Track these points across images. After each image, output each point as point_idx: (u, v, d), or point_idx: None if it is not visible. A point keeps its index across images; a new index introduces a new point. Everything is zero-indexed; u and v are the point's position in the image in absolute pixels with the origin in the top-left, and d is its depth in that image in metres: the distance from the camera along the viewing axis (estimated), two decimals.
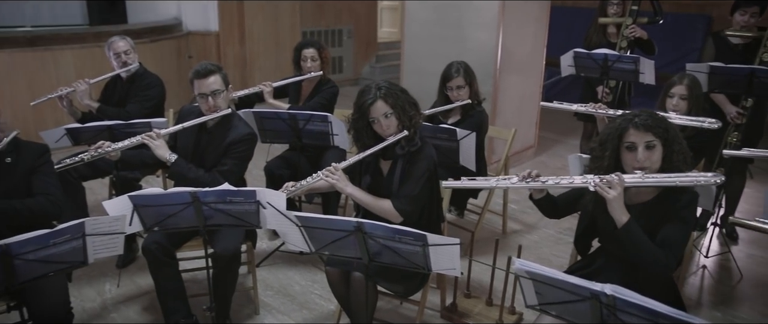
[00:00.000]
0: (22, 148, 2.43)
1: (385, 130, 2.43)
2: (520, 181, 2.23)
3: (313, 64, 3.77)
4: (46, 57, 5.73)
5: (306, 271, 3.48)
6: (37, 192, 2.40)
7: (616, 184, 2.00)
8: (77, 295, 3.20)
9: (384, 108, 2.39)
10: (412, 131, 2.45)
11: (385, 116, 2.40)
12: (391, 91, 2.41)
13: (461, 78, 3.38)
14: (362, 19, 8.82)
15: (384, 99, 2.39)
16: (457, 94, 3.40)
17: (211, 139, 2.86)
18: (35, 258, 1.91)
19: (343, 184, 2.50)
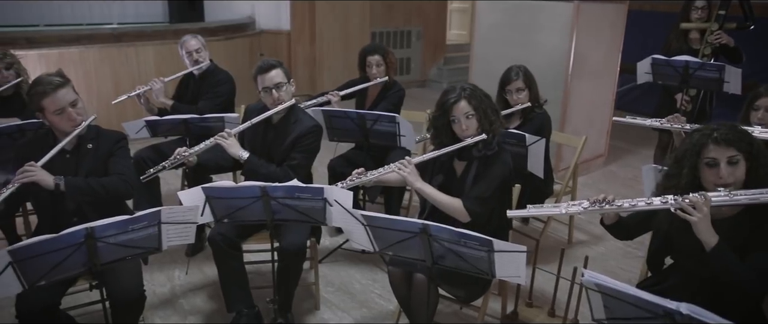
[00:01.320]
0: (102, 135, 2.56)
1: (464, 130, 2.44)
2: (591, 206, 2.11)
3: (378, 70, 3.79)
4: (129, 52, 6.06)
5: (367, 270, 3.51)
6: (113, 172, 2.52)
7: (701, 205, 1.87)
8: (149, 279, 3.35)
9: (466, 108, 2.41)
10: (491, 136, 2.44)
11: (466, 117, 2.42)
12: (475, 93, 2.44)
13: (521, 81, 3.33)
14: (431, 20, 8.80)
15: (467, 99, 2.41)
16: (516, 97, 3.35)
17: (278, 134, 2.92)
18: (115, 242, 2.01)
19: (414, 179, 2.51)
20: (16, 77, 3.55)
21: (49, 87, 2.33)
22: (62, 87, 2.36)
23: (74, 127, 2.42)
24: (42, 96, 2.34)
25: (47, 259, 1.90)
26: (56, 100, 2.35)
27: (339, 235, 3.87)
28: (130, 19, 7.50)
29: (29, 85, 2.43)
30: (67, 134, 2.43)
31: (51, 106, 2.36)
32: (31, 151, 2.46)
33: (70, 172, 2.46)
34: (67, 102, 2.38)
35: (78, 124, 2.42)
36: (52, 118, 2.40)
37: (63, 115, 2.38)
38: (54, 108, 2.36)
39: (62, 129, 2.43)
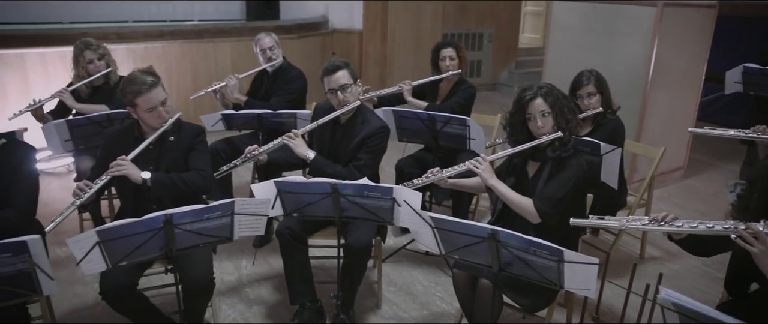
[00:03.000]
0: (183, 129, 2.68)
1: (539, 127, 2.41)
2: (650, 224, 2.01)
3: (452, 63, 3.79)
4: (208, 49, 6.31)
5: (430, 272, 3.49)
6: (192, 167, 2.64)
7: (764, 236, 1.72)
8: (218, 267, 3.45)
9: (542, 106, 2.38)
10: (567, 134, 2.40)
11: (542, 115, 2.39)
12: (551, 92, 2.42)
13: (592, 85, 3.23)
14: (504, 23, 8.67)
15: (544, 97, 2.39)
16: (587, 102, 3.25)
17: (345, 133, 2.95)
18: (191, 229, 2.10)
19: (488, 175, 2.50)
20: (106, 68, 3.76)
21: (143, 87, 2.47)
22: (155, 87, 2.50)
23: (161, 124, 2.55)
24: (136, 94, 2.48)
25: (129, 241, 2.02)
26: (149, 99, 2.49)
27: (403, 235, 3.87)
28: (210, 17, 7.81)
29: (123, 80, 2.56)
30: (153, 128, 2.57)
31: (143, 105, 2.50)
32: (119, 140, 2.62)
33: (152, 162, 2.59)
34: (158, 101, 2.51)
35: (165, 121, 2.56)
36: (142, 115, 2.54)
37: (153, 112, 2.52)
38: (146, 106, 2.50)
39: (150, 125, 2.58)
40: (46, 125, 3.32)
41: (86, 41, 3.73)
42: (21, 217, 2.37)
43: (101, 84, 3.81)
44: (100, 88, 3.82)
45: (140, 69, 2.57)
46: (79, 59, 3.72)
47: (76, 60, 3.73)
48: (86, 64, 3.71)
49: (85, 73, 3.73)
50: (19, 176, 2.40)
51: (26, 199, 2.41)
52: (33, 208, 2.47)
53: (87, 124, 3.37)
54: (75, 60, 3.74)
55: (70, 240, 1.93)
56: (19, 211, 2.37)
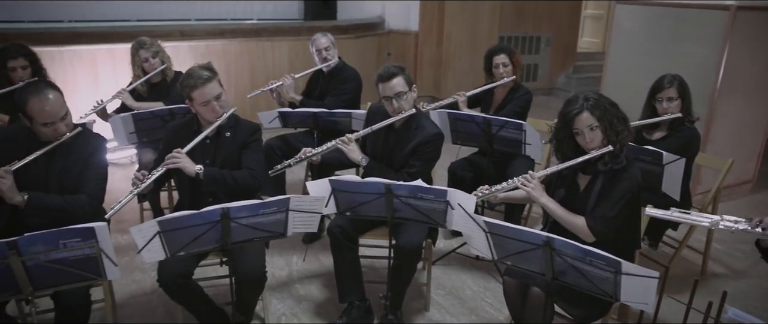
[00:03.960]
0: (239, 125, 2.74)
1: (588, 143, 2.31)
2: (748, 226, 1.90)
3: (505, 70, 3.71)
4: (266, 47, 6.45)
5: (479, 277, 3.45)
6: (245, 166, 2.69)
7: None
8: (269, 262, 3.49)
9: (590, 120, 2.28)
10: (618, 148, 2.29)
11: (590, 129, 2.29)
12: (599, 104, 2.29)
13: (674, 89, 3.11)
14: (563, 26, 8.48)
15: (591, 111, 2.28)
16: (666, 106, 3.13)
17: (399, 139, 2.94)
18: (247, 223, 2.15)
19: (538, 194, 2.42)
20: (161, 65, 3.88)
21: (198, 81, 2.55)
22: (210, 81, 2.57)
23: (216, 118, 2.62)
24: (192, 88, 2.56)
25: (188, 232, 2.08)
26: (204, 93, 2.56)
27: (454, 238, 3.84)
28: (269, 16, 7.98)
29: (183, 75, 2.65)
30: (209, 122, 2.64)
31: (199, 98, 2.58)
32: (178, 134, 2.71)
33: (208, 156, 2.67)
34: (213, 95, 2.58)
35: (220, 115, 2.63)
36: (198, 108, 2.62)
37: (207, 106, 2.60)
38: (201, 100, 2.58)
39: (206, 118, 2.65)
40: (113, 118, 3.47)
41: (140, 41, 3.86)
42: (91, 202, 2.48)
43: (158, 81, 3.94)
44: (157, 84, 3.94)
45: (199, 64, 2.65)
46: (135, 59, 3.86)
47: (133, 60, 3.87)
48: (142, 63, 3.84)
49: (141, 72, 3.86)
50: (91, 164, 2.52)
51: (96, 186, 2.52)
52: (102, 195, 2.59)
53: (150, 117, 3.50)
54: (132, 60, 3.88)
55: (133, 229, 2.01)
56: (90, 197, 2.48)
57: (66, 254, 1.90)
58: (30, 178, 2.43)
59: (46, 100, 2.35)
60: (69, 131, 2.45)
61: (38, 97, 2.35)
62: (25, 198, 2.33)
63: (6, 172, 2.30)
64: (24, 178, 2.40)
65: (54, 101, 2.37)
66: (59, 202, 2.40)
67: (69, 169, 2.49)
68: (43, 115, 2.36)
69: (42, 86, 2.40)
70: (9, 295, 1.96)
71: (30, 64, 3.55)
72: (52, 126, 2.39)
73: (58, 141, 2.42)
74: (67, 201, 2.41)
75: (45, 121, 2.37)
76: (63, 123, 2.42)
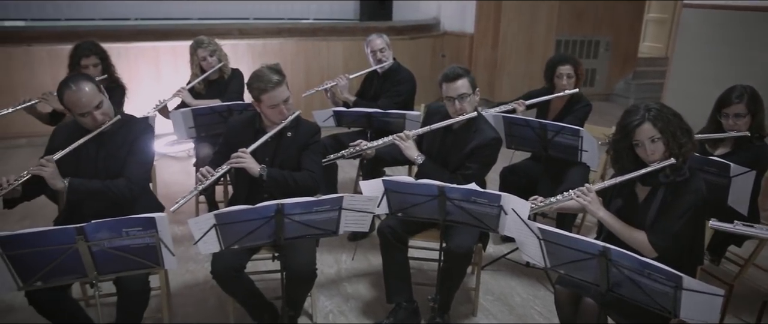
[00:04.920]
0: (300, 126, 2.78)
1: (649, 155, 2.23)
2: None
3: (569, 81, 3.60)
4: (321, 47, 6.54)
5: (529, 284, 3.39)
6: (304, 167, 2.74)
7: None
8: (319, 259, 3.51)
9: (651, 131, 2.19)
10: (681, 160, 2.20)
11: (651, 140, 2.20)
12: (661, 114, 2.20)
13: (743, 105, 2.89)
14: (623, 30, 8.22)
15: (653, 122, 2.19)
16: (733, 122, 2.93)
17: (456, 141, 2.92)
18: (300, 220, 2.18)
19: (595, 208, 2.35)
20: (218, 62, 3.98)
21: (269, 85, 2.59)
22: (279, 86, 2.61)
23: (282, 121, 2.67)
24: (261, 91, 2.61)
25: (243, 226, 2.13)
26: (273, 97, 2.61)
27: (504, 244, 3.79)
28: (325, 16, 8.10)
29: (251, 75, 2.69)
30: (273, 122, 2.70)
31: (267, 101, 2.63)
32: (240, 130, 2.79)
33: (267, 154, 2.73)
34: (281, 99, 2.63)
35: (286, 118, 2.67)
36: (265, 110, 2.68)
37: (275, 109, 2.65)
38: (269, 103, 2.63)
39: (271, 120, 2.71)
40: (174, 113, 3.59)
41: (198, 40, 3.97)
42: (130, 185, 2.56)
43: (216, 78, 4.04)
44: (214, 82, 4.05)
45: (268, 65, 2.68)
46: (193, 57, 3.97)
47: (192, 58, 3.99)
48: (200, 62, 3.95)
49: (199, 70, 3.97)
50: (134, 149, 2.61)
51: (138, 171, 2.60)
52: (144, 180, 2.66)
53: (209, 113, 3.60)
54: (190, 58, 4.00)
55: (191, 221, 2.07)
56: (129, 180, 2.56)
57: (128, 242, 1.98)
58: (81, 165, 2.56)
59: (78, 91, 2.45)
60: (108, 120, 2.55)
61: (71, 90, 2.46)
62: (66, 184, 2.44)
63: (48, 160, 2.43)
64: (76, 166, 2.54)
65: (86, 92, 2.47)
66: (99, 186, 2.50)
67: (114, 155, 2.59)
68: (78, 106, 2.47)
69: (76, 79, 2.50)
70: (75, 278, 2.06)
71: (100, 61, 3.71)
72: (88, 116, 2.50)
73: (98, 130, 2.53)
74: (106, 185, 2.51)
75: (80, 111, 2.48)
76: (98, 112, 2.51)
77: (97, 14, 7.08)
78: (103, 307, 2.17)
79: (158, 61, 5.92)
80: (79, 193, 2.49)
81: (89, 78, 2.54)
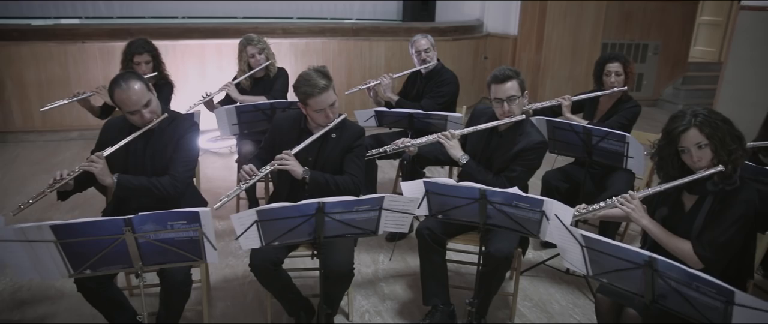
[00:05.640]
0: (345, 127, 2.79)
1: (695, 162, 2.15)
2: None
3: (617, 80, 3.55)
4: (363, 46, 6.56)
5: (568, 292, 3.32)
6: (347, 171, 2.75)
7: None
8: (356, 259, 3.53)
9: (698, 137, 2.12)
10: (730, 168, 2.12)
11: (698, 147, 2.12)
12: (709, 120, 2.12)
13: None
14: (673, 34, 7.97)
15: (699, 128, 2.11)
16: None
17: (502, 142, 2.89)
18: (340, 219, 2.19)
19: (639, 216, 2.29)
20: (266, 61, 4.05)
21: (315, 90, 2.60)
22: (326, 90, 2.62)
23: (327, 124, 2.69)
24: (308, 96, 2.63)
25: (284, 223, 2.15)
26: (319, 101, 2.63)
27: (544, 250, 3.73)
28: (368, 16, 8.13)
29: (299, 78, 2.70)
30: (319, 124, 2.72)
31: (314, 105, 2.64)
32: (285, 128, 2.83)
33: (311, 154, 2.75)
34: (327, 104, 2.65)
35: (331, 121, 2.69)
36: (311, 113, 2.70)
37: (321, 113, 2.67)
38: (316, 107, 2.65)
39: (317, 122, 2.73)
40: (218, 109, 3.66)
41: (248, 37, 4.04)
42: (174, 183, 2.62)
43: (262, 76, 4.11)
44: (260, 79, 4.12)
45: (316, 68, 2.69)
46: (242, 54, 4.05)
47: (240, 55, 4.07)
48: (248, 59, 4.02)
49: (247, 67, 4.04)
50: (180, 147, 2.67)
51: (182, 167, 2.66)
52: (188, 177, 2.71)
53: (252, 110, 3.65)
54: (239, 55, 4.08)
55: (234, 216, 2.11)
56: (174, 178, 2.62)
57: (172, 235, 2.02)
58: (129, 161, 2.64)
59: (128, 90, 2.52)
60: (156, 118, 2.61)
61: (121, 88, 2.52)
62: (114, 180, 2.52)
63: (99, 156, 2.51)
64: (124, 161, 2.62)
65: (136, 91, 2.53)
66: (145, 183, 2.57)
67: (160, 152, 2.66)
68: (127, 104, 2.54)
69: (126, 77, 2.57)
70: (121, 268, 2.11)
71: (152, 59, 3.84)
72: (137, 114, 2.56)
73: (146, 127, 2.59)
74: (152, 182, 2.58)
75: (129, 109, 2.55)
76: (147, 110, 2.58)
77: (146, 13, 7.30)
78: (146, 297, 2.22)
79: (204, 58, 6.05)
80: (126, 190, 2.56)
81: (139, 77, 2.61)
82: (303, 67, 2.81)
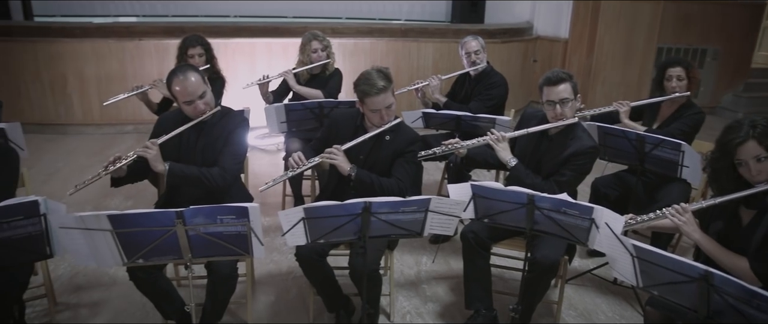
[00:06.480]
0: (400, 131, 2.80)
1: (754, 175, 2.05)
2: None
3: (679, 84, 3.39)
4: (412, 47, 6.56)
5: (615, 303, 3.23)
6: (394, 174, 2.75)
7: None
8: (399, 260, 3.58)
9: (756, 150, 2.02)
10: None
11: (756, 160, 2.03)
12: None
13: None
14: (735, 39, 7.63)
15: (758, 139, 2.02)
16: None
17: (552, 146, 2.84)
18: (386, 219, 2.19)
19: (691, 229, 2.20)
20: (326, 58, 4.12)
21: (373, 90, 2.63)
22: (384, 92, 2.64)
23: (381, 125, 2.72)
24: (365, 94, 2.66)
25: (330, 222, 2.17)
26: (376, 102, 2.65)
27: (590, 258, 3.64)
28: (417, 17, 8.12)
29: (359, 76, 2.73)
30: (373, 124, 2.75)
31: (370, 105, 2.67)
32: (342, 123, 2.87)
33: (362, 153, 2.78)
34: (383, 106, 2.67)
35: (386, 123, 2.71)
36: (367, 112, 2.73)
37: (376, 114, 2.69)
38: (371, 106, 2.67)
39: (372, 122, 2.75)
40: (268, 107, 3.72)
41: (315, 33, 4.12)
42: (224, 175, 2.67)
43: (318, 72, 4.17)
44: (317, 75, 4.19)
45: (379, 68, 2.72)
46: (306, 47, 4.12)
47: (303, 47, 4.14)
48: (311, 53, 4.09)
49: (308, 60, 4.11)
50: (230, 141, 2.73)
51: (232, 161, 2.71)
52: (236, 170, 2.77)
53: (301, 109, 3.70)
54: (302, 47, 4.15)
55: (281, 213, 2.14)
56: (223, 170, 2.68)
57: (221, 229, 2.06)
58: (182, 152, 2.72)
59: (185, 80, 2.60)
60: (210, 110, 2.68)
61: (179, 79, 2.60)
62: (166, 167, 2.59)
63: (153, 143, 2.59)
64: (177, 152, 2.70)
65: (192, 82, 2.61)
66: (195, 172, 2.64)
67: (211, 145, 2.72)
68: (184, 94, 2.61)
69: (183, 69, 2.65)
70: (171, 259, 2.17)
71: (205, 52, 3.99)
72: (192, 104, 2.63)
73: (199, 119, 2.67)
74: (202, 172, 2.64)
75: (185, 99, 2.63)
76: (201, 101, 2.65)
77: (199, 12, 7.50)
78: (193, 288, 2.28)
79: (254, 56, 6.17)
80: (178, 178, 2.64)
81: (195, 69, 2.69)
82: (351, 67, 2.84)
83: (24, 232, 2.02)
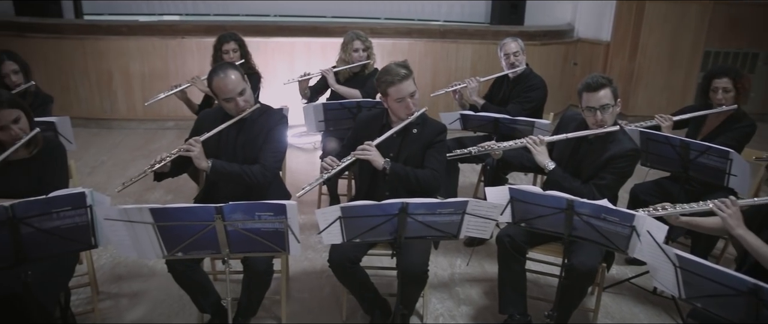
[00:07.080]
0: (427, 124, 2.81)
1: None
2: None
3: (725, 97, 3.25)
4: (450, 49, 6.54)
5: (654, 313, 3.15)
6: (427, 165, 2.75)
7: None
8: (433, 262, 3.56)
9: None
10: None
11: None
12: None
13: None
14: None
15: None
16: None
17: (592, 149, 2.79)
18: (423, 221, 2.19)
19: (735, 223, 2.14)
20: (367, 59, 4.13)
21: (396, 78, 2.65)
22: (406, 79, 2.67)
23: (408, 115, 2.72)
24: (389, 84, 2.68)
25: (366, 221, 2.18)
26: (400, 89, 2.67)
27: (628, 266, 3.56)
28: (455, 18, 8.06)
29: (380, 71, 2.79)
30: (399, 118, 2.75)
31: (394, 94, 2.68)
32: (367, 125, 2.88)
33: (393, 150, 2.78)
34: (408, 93, 2.68)
35: (412, 113, 2.72)
36: (392, 104, 2.73)
37: (402, 103, 2.70)
38: (396, 96, 2.68)
39: (398, 115, 2.76)
40: (306, 106, 3.76)
41: (357, 33, 4.16)
42: (264, 172, 2.72)
43: (358, 71, 4.20)
44: (356, 75, 4.21)
45: (395, 62, 2.76)
46: (347, 46, 4.15)
47: (345, 46, 4.17)
48: (352, 52, 4.12)
49: (349, 59, 4.14)
50: (270, 138, 2.77)
51: (272, 158, 2.76)
52: (276, 167, 2.81)
53: (339, 108, 3.72)
54: (344, 46, 4.19)
55: (318, 211, 2.16)
56: (263, 167, 2.72)
57: (259, 225, 2.09)
58: (222, 148, 2.77)
59: (225, 78, 2.65)
60: (249, 107, 2.73)
61: (220, 76, 2.66)
62: (210, 164, 2.65)
63: (196, 140, 2.65)
64: (217, 148, 2.75)
65: (232, 79, 2.66)
66: (237, 169, 2.69)
67: (251, 142, 2.76)
68: (224, 91, 2.67)
69: (224, 66, 2.70)
70: (209, 254, 2.21)
71: (239, 47, 4.08)
72: (232, 101, 2.68)
73: (239, 116, 2.71)
74: (244, 169, 2.69)
75: (225, 96, 2.68)
76: (241, 99, 2.69)
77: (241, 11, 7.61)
78: (229, 283, 2.31)
79: (293, 55, 6.24)
80: (220, 174, 2.69)
81: (235, 67, 2.74)
82: None
83: (71, 223, 2.09)
